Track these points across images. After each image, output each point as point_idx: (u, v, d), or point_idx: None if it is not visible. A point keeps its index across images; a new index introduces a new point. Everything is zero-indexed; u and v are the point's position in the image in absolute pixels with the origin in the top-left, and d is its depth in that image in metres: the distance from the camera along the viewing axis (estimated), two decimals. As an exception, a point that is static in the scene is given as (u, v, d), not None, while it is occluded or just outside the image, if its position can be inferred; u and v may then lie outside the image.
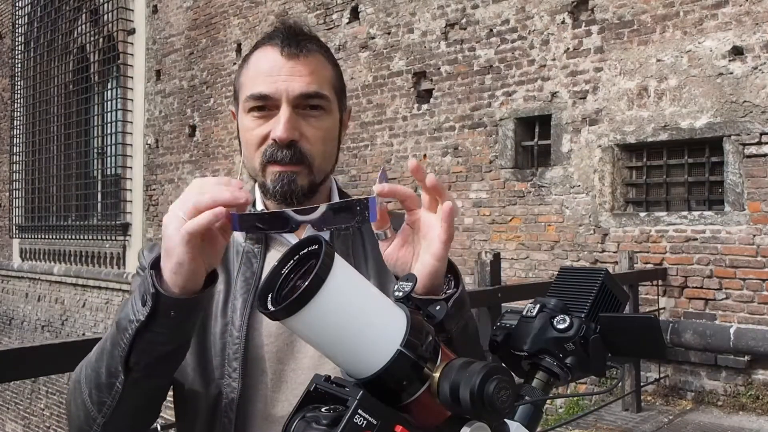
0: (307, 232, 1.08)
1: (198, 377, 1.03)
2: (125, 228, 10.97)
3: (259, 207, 1.11)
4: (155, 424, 2.12)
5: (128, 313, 0.86)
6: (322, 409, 0.72)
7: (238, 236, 1.09)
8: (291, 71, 1.04)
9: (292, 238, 1.08)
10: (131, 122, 11.10)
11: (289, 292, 0.74)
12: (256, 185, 1.12)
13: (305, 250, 0.76)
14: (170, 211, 0.84)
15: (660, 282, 5.28)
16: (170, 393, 1.07)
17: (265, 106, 1.04)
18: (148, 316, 0.83)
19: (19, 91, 13.92)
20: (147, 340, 0.85)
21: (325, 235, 1.09)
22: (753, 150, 4.89)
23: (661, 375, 5.26)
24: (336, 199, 1.13)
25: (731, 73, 4.97)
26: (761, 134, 4.85)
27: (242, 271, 1.08)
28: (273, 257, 1.08)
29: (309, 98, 1.05)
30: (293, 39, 1.06)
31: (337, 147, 1.13)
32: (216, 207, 0.80)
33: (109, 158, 11.82)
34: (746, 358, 4.87)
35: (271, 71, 1.05)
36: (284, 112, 1.03)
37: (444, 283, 0.93)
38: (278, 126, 1.02)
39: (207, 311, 1.01)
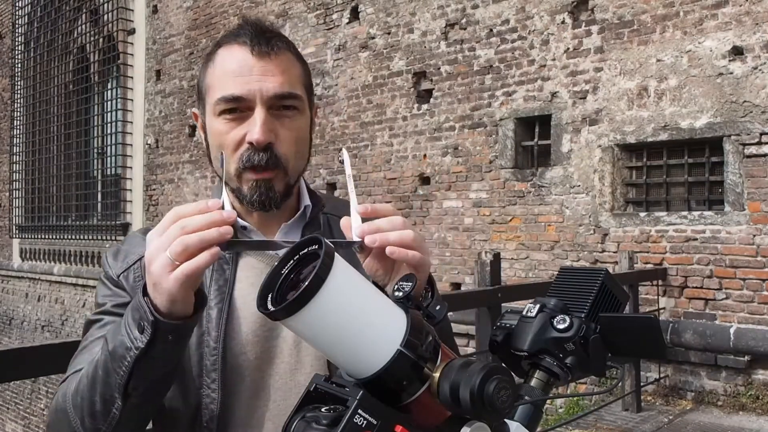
0: (280, 235, 1.07)
1: (176, 389, 1.00)
2: (125, 228, 10.96)
3: (228, 207, 1.09)
4: None
5: (124, 341, 0.85)
6: (322, 409, 0.72)
7: None
8: (263, 71, 1.01)
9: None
10: (131, 122, 11.10)
11: (289, 292, 0.74)
12: (225, 187, 1.07)
13: (305, 250, 0.76)
14: (153, 248, 0.82)
15: (660, 282, 5.29)
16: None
17: (237, 108, 1.01)
18: (148, 343, 0.83)
19: (19, 91, 13.92)
20: (145, 365, 0.85)
21: (297, 237, 1.08)
22: (753, 150, 4.89)
23: (661, 375, 5.26)
24: (305, 200, 1.13)
25: (731, 73, 4.97)
26: (761, 134, 4.85)
27: (215, 279, 1.05)
28: (246, 263, 1.06)
29: (283, 99, 1.02)
30: (262, 37, 1.03)
31: (309, 146, 1.11)
32: (206, 246, 0.79)
33: (109, 158, 11.82)
34: (746, 358, 4.87)
35: (242, 71, 1.01)
36: (259, 113, 1.00)
37: (420, 294, 0.90)
38: (254, 128, 1.00)
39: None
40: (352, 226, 0.86)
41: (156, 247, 0.82)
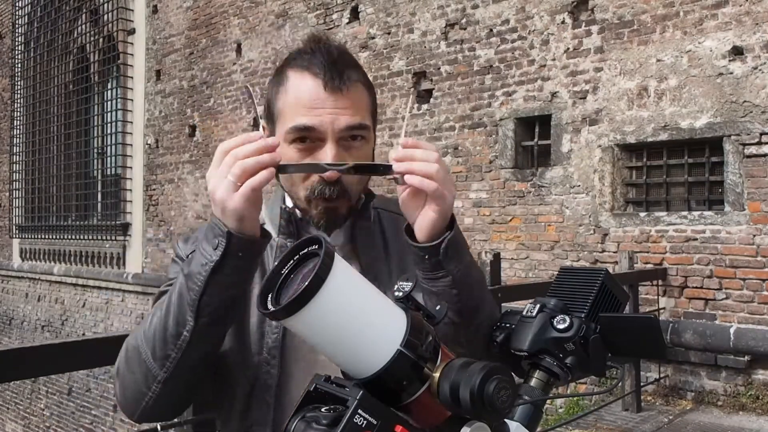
0: (335, 237, 1.14)
1: (237, 363, 1.08)
2: (125, 228, 10.97)
3: (290, 204, 1.16)
4: (155, 425, 2.12)
5: (199, 261, 0.95)
6: (322, 409, 0.72)
7: (272, 231, 1.15)
8: (335, 105, 1.06)
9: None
10: (131, 122, 11.09)
11: (289, 292, 0.74)
12: (288, 201, 1.16)
13: (305, 250, 0.76)
14: (214, 179, 0.93)
15: (660, 282, 5.28)
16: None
17: (308, 137, 1.06)
18: (222, 255, 0.93)
19: (19, 91, 13.92)
20: (217, 281, 0.94)
21: (345, 233, 1.15)
22: (753, 150, 4.89)
23: (661, 375, 5.26)
24: (359, 212, 1.19)
25: (731, 73, 4.97)
26: (761, 134, 4.84)
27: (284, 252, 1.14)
28: None
29: (352, 130, 1.07)
30: (335, 69, 1.06)
31: None
32: (261, 168, 0.92)
33: (109, 158, 11.82)
34: (746, 358, 4.87)
35: (314, 104, 1.06)
36: (330, 148, 1.05)
37: (437, 235, 1.01)
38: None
39: (245, 302, 1.07)
40: (391, 156, 0.99)
41: (216, 177, 0.93)
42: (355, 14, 7.69)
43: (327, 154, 1.05)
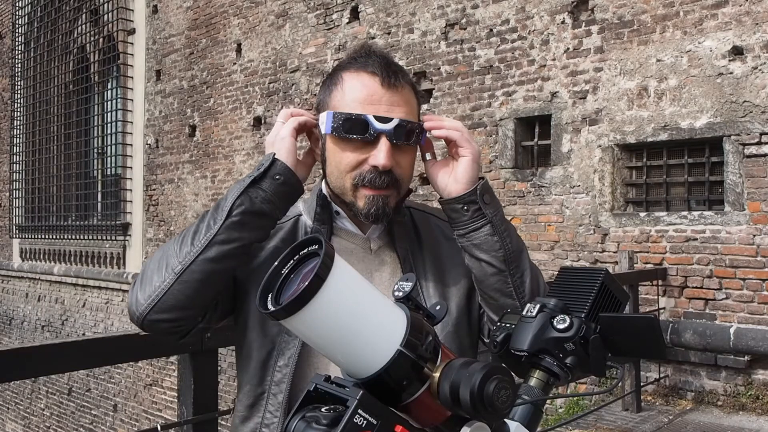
0: (371, 231, 1.21)
1: (259, 329, 1.16)
2: (125, 228, 10.96)
3: (325, 191, 1.25)
4: (155, 425, 2.13)
5: (242, 178, 1.12)
6: (322, 409, 0.72)
7: (307, 219, 1.23)
8: (390, 101, 1.13)
9: (354, 228, 1.21)
10: (131, 122, 11.09)
11: (289, 292, 0.74)
12: (325, 191, 1.23)
13: (305, 250, 0.76)
14: (272, 130, 1.16)
15: (660, 282, 5.28)
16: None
17: (360, 135, 1.12)
18: (263, 171, 1.09)
19: (19, 91, 13.91)
20: (253, 193, 1.08)
21: (380, 228, 1.23)
22: (753, 150, 4.89)
23: (661, 375, 5.26)
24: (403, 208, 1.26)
25: (731, 73, 4.97)
26: (761, 134, 4.84)
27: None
28: (335, 243, 1.19)
29: (406, 126, 1.13)
30: (390, 69, 1.15)
31: (413, 171, 1.24)
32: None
33: (109, 158, 11.82)
34: (746, 358, 4.87)
35: (372, 99, 1.12)
36: (384, 140, 1.11)
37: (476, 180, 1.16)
38: (380, 154, 1.12)
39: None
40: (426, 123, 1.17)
41: (276, 127, 1.16)
42: (355, 14, 7.69)
43: (381, 148, 1.11)
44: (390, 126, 1.11)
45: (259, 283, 1.12)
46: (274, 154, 1.10)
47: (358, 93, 1.13)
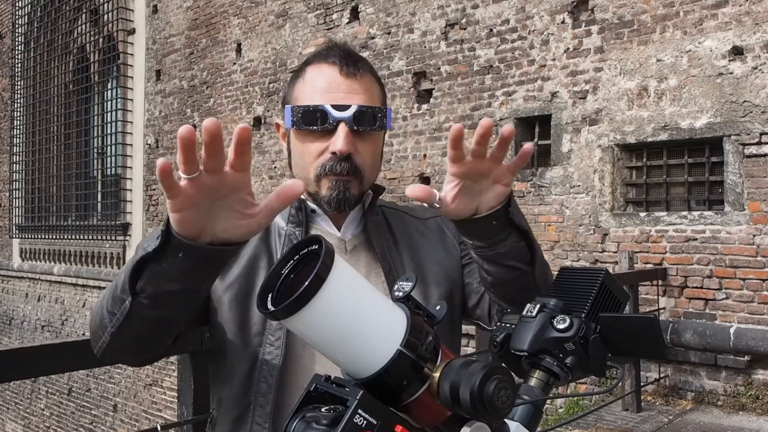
0: (345, 230, 1.19)
1: (238, 341, 1.11)
2: (125, 228, 10.97)
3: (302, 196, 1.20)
4: (155, 425, 2.13)
5: (144, 244, 0.93)
6: (322, 409, 0.72)
7: (280, 220, 1.19)
8: (349, 89, 1.13)
9: (331, 228, 1.19)
10: (131, 122, 11.09)
11: (289, 291, 0.74)
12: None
13: (305, 250, 0.76)
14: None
15: (660, 282, 5.28)
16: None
17: (320, 124, 1.11)
18: (156, 249, 0.87)
19: (19, 91, 13.91)
20: (154, 271, 0.89)
21: (355, 227, 1.20)
22: (753, 150, 4.89)
23: (661, 375, 5.26)
24: (369, 206, 1.23)
25: (731, 73, 4.97)
26: (761, 134, 4.84)
27: (285, 245, 1.16)
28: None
29: (366, 112, 1.13)
30: (350, 59, 1.15)
31: (381, 159, 1.24)
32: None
33: (109, 158, 11.82)
34: (746, 358, 4.87)
35: (330, 88, 1.13)
36: (343, 127, 1.10)
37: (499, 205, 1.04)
38: (338, 141, 1.10)
39: (250, 283, 1.12)
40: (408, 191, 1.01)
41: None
42: (355, 14, 7.69)
43: (339, 134, 1.10)
44: (348, 113, 1.10)
45: (234, 295, 1.12)
46: (166, 228, 0.88)
47: (318, 83, 1.14)
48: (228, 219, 0.86)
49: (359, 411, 0.69)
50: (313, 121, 1.11)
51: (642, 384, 5.14)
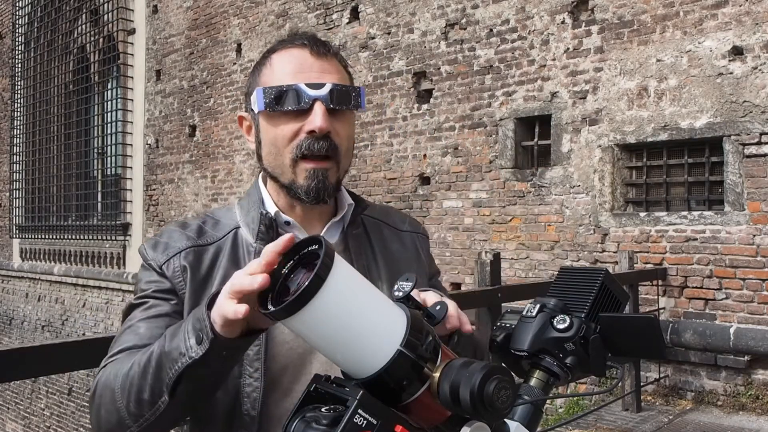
0: (326, 231, 1.14)
1: None
2: (125, 228, 10.96)
3: (271, 208, 1.13)
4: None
5: (180, 347, 0.89)
6: (322, 409, 0.72)
7: (248, 236, 1.13)
8: (321, 68, 1.09)
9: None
10: (131, 122, 11.10)
11: (289, 292, 0.74)
12: (266, 186, 1.15)
13: (305, 250, 0.76)
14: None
15: (660, 282, 5.28)
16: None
17: (294, 105, 1.06)
18: (203, 355, 0.87)
19: (19, 91, 13.91)
20: (197, 374, 0.89)
21: (337, 234, 1.15)
22: (753, 150, 4.89)
23: (661, 375, 5.26)
24: (348, 199, 1.18)
25: (731, 73, 4.97)
26: (761, 134, 4.84)
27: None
28: None
29: (340, 90, 1.09)
30: (319, 41, 1.11)
31: (353, 145, 1.17)
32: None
33: (109, 158, 11.82)
34: (746, 358, 4.87)
35: (302, 68, 1.08)
36: (320, 104, 1.06)
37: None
38: (316, 118, 1.05)
39: None
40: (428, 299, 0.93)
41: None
42: (355, 14, 7.69)
43: (317, 111, 1.05)
44: (324, 91, 1.06)
45: None
46: (214, 335, 0.86)
47: (288, 65, 1.08)
48: (252, 308, 0.83)
49: (359, 411, 0.69)
50: (287, 101, 1.06)
51: (642, 384, 5.14)
